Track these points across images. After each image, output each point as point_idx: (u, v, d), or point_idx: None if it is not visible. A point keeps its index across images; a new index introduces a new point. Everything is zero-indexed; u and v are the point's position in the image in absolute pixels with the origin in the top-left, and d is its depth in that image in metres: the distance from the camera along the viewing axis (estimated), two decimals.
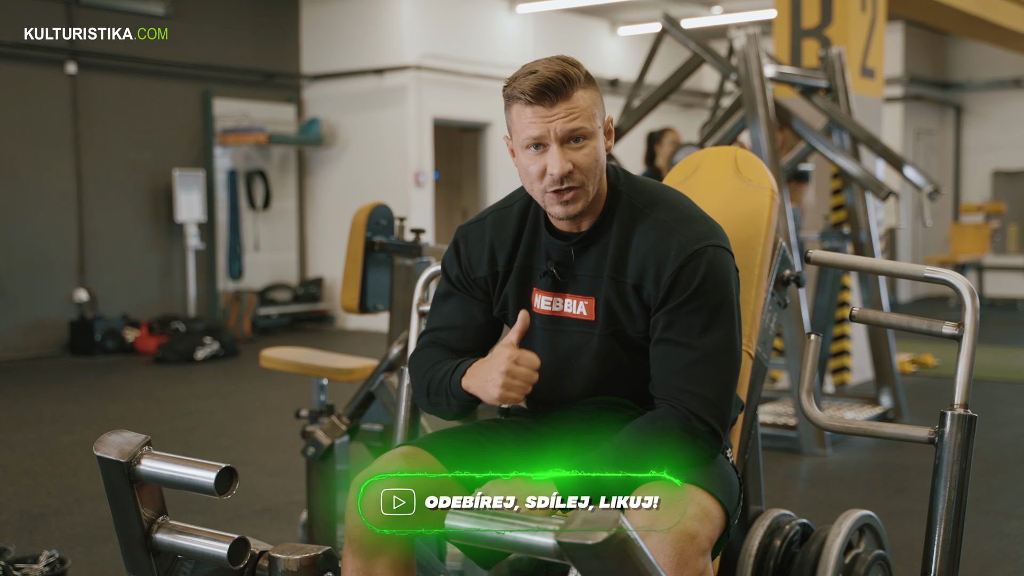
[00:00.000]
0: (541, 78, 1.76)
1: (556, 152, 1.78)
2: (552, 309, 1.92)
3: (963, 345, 1.85)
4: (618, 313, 1.86)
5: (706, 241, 1.82)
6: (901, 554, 3.39)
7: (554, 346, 1.93)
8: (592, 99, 1.82)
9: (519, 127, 1.80)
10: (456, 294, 2.00)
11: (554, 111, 1.77)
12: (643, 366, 1.88)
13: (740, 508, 1.88)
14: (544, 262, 1.92)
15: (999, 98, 12.90)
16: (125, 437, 1.50)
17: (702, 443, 1.78)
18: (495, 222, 1.97)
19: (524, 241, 1.94)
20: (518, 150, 1.83)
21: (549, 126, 1.77)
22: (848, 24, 6.57)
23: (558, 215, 1.84)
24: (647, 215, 1.87)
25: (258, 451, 5.09)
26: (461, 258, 1.99)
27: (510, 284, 1.95)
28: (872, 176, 5.31)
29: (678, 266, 1.80)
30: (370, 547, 1.80)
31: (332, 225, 10.31)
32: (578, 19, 11.80)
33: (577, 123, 1.78)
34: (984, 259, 11.89)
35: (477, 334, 1.98)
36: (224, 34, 9.79)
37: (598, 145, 1.82)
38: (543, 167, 1.79)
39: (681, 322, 1.80)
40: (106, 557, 3.47)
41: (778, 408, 5.66)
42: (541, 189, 1.82)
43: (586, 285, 1.89)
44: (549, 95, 1.76)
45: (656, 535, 1.61)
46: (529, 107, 1.78)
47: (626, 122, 5.74)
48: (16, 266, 8.40)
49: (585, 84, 1.80)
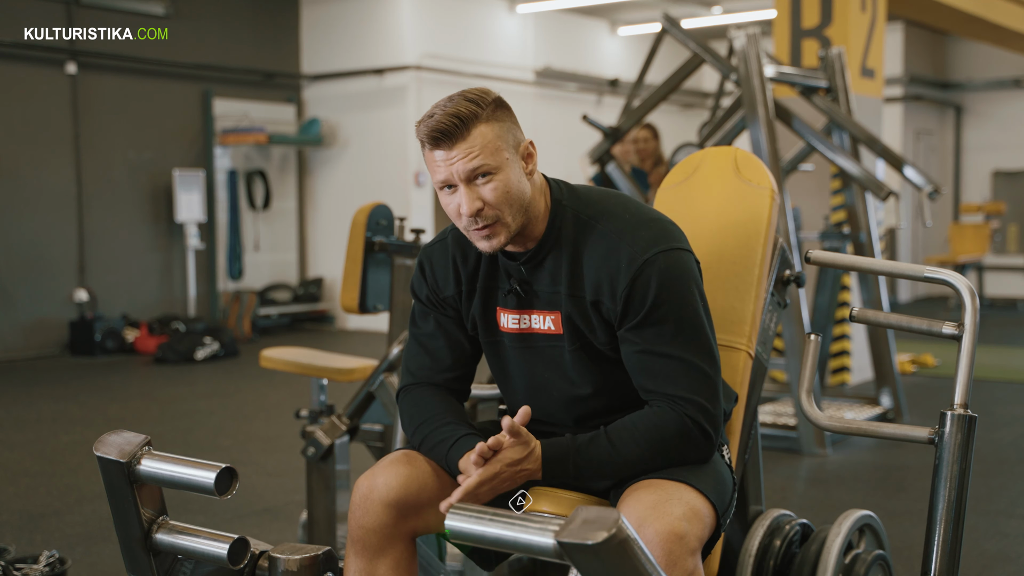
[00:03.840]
0: (434, 123, 1.75)
1: (464, 192, 1.77)
2: (520, 327, 1.91)
3: (963, 345, 1.85)
4: (581, 328, 1.86)
5: (656, 247, 1.80)
6: (901, 554, 3.39)
7: (527, 363, 1.92)
8: (496, 131, 1.77)
9: (430, 169, 1.81)
10: (431, 314, 1.99)
11: (452, 153, 1.75)
12: (617, 377, 1.88)
13: (732, 507, 1.88)
14: (506, 280, 1.91)
15: (999, 98, 12.90)
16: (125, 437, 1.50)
17: (693, 442, 1.78)
18: (455, 240, 1.96)
19: (485, 260, 1.93)
20: (436, 189, 1.83)
21: (451, 169, 1.76)
22: (848, 24, 6.57)
23: (483, 249, 1.83)
24: (593, 227, 1.85)
25: (258, 451, 5.09)
26: (427, 280, 1.98)
27: (475, 304, 1.94)
28: (872, 176, 5.31)
29: (630, 279, 1.79)
30: (373, 548, 1.81)
31: (332, 225, 10.31)
32: (578, 19, 11.80)
33: (477, 161, 1.75)
34: (984, 259, 11.89)
35: (459, 350, 1.98)
36: (224, 34, 9.79)
37: (508, 176, 1.78)
38: (457, 205, 1.79)
39: (649, 332, 1.80)
40: (106, 557, 3.47)
41: (778, 408, 5.66)
42: (463, 226, 1.82)
43: (548, 300, 1.88)
44: (444, 139, 1.75)
45: (645, 536, 1.62)
46: (432, 151, 1.78)
47: (626, 122, 5.74)
48: (16, 266, 8.41)
49: (488, 118, 1.77)
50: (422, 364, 1.97)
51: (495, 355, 1.97)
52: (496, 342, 1.95)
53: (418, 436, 1.90)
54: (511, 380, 1.97)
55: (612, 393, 1.90)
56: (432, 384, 1.96)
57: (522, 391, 1.96)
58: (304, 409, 3.36)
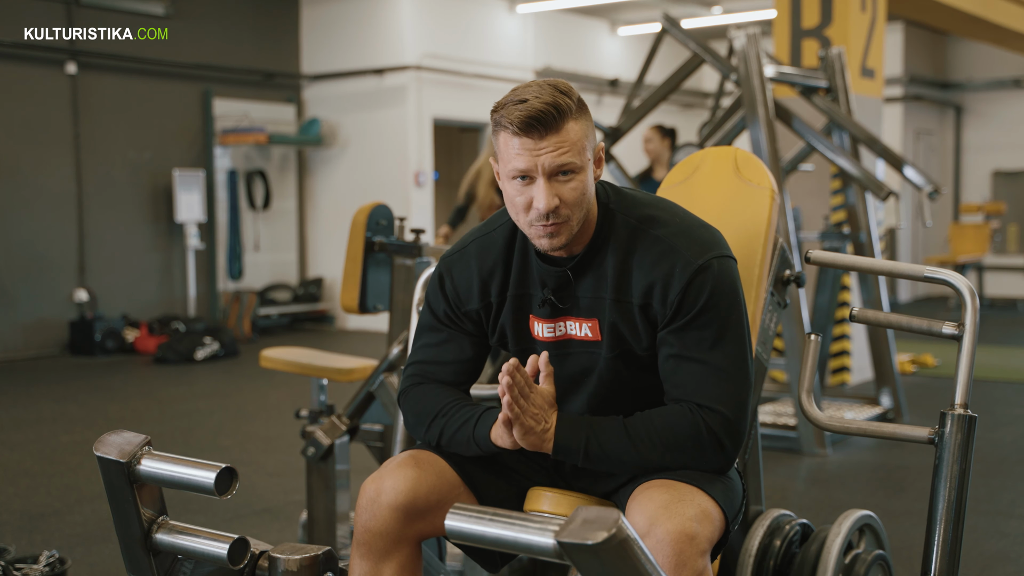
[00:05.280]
0: (531, 109, 1.68)
1: (543, 186, 1.71)
2: (556, 335, 1.87)
3: (963, 345, 1.85)
4: (625, 334, 1.82)
5: (710, 253, 1.78)
6: (901, 554, 3.39)
7: (560, 368, 1.88)
8: (583, 130, 1.74)
9: (506, 156, 1.74)
10: (444, 329, 1.94)
11: (542, 144, 1.70)
12: (645, 382, 1.86)
13: (741, 515, 1.87)
14: (539, 289, 1.86)
15: (999, 98, 12.90)
16: (125, 437, 1.50)
17: (707, 452, 1.76)
18: (480, 251, 1.91)
19: (515, 268, 1.88)
20: (504, 178, 1.77)
21: (537, 160, 1.70)
22: (848, 24, 6.57)
23: (544, 248, 1.78)
24: (645, 232, 1.81)
25: (258, 451, 5.09)
26: (447, 292, 1.93)
27: (505, 313, 1.89)
28: (872, 176, 5.31)
29: (685, 283, 1.76)
30: (379, 551, 1.79)
31: (332, 225, 10.31)
32: (578, 19, 11.80)
33: (566, 158, 1.70)
34: (984, 259, 11.89)
35: (465, 367, 1.94)
36: (224, 34, 9.79)
37: (586, 178, 1.75)
38: (529, 200, 1.73)
39: (691, 337, 1.77)
40: (106, 557, 3.46)
41: (778, 408, 5.66)
42: (527, 221, 1.76)
43: (587, 307, 1.84)
44: (538, 128, 1.69)
45: (656, 535, 1.61)
46: (516, 138, 1.71)
47: (626, 122, 5.74)
48: (16, 266, 8.41)
49: (576, 114, 1.72)
50: (426, 371, 1.95)
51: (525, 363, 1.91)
52: (528, 350, 1.89)
53: (435, 428, 1.86)
54: None
55: (634, 398, 1.87)
56: (436, 381, 1.94)
57: None
58: (304, 409, 3.36)
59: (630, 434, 1.77)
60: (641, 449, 1.76)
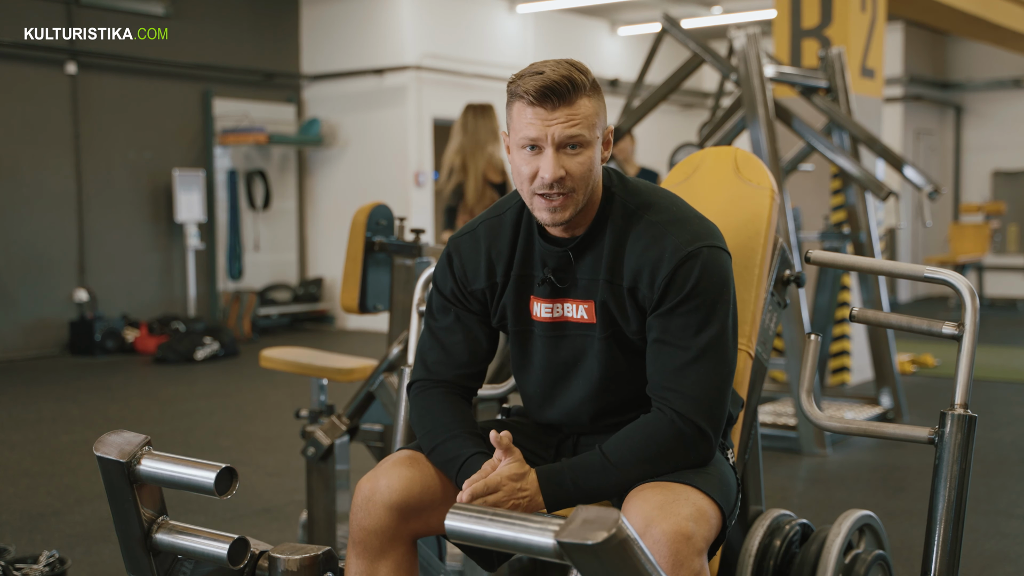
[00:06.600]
0: (546, 80, 1.74)
1: (551, 156, 1.75)
2: (553, 315, 1.90)
3: (963, 345, 1.85)
4: (615, 315, 1.85)
5: (701, 242, 1.81)
6: (901, 554, 3.39)
7: (553, 353, 1.91)
8: (595, 108, 1.80)
9: (518, 125, 1.78)
10: (452, 309, 1.96)
11: (554, 115, 1.75)
12: (641, 368, 1.87)
13: (737, 509, 1.88)
14: (540, 269, 1.89)
15: (999, 98, 12.90)
16: (125, 437, 1.50)
17: (690, 445, 1.77)
18: (488, 231, 1.94)
19: (520, 249, 1.91)
20: (514, 148, 1.81)
21: (548, 129, 1.75)
22: (848, 24, 6.57)
23: (545, 221, 1.81)
24: (640, 217, 1.85)
25: (258, 451, 5.09)
26: (455, 271, 1.95)
27: (508, 294, 1.92)
28: (872, 176, 5.31)
29: (672, 268, 1.78)
30: (374, 550, 1.80)
31: (332, 225, 10.31)
32: (578, 19, 11.80)
33: (576, 130, 1.76)
34: (984, 259, 11.89)
35: (476, 347, 1.95)
36: (224, 34, 9.79)
37: (594, 154, 1.79)
38: (535, 169, 1.77)
39: (676, 323, 1.79)
40: (106, 557, 3.46)
41: (778, 408, 5.66)
42: (530, 191, 1.79)
43: (584, 288, 1.87)
44: (552, 98, 1.74)
45: (652, 536, 1.61)
46: (530, 107, 1.76)
47: (626, 122, 5.74)
48: (16, 266, 8.41)
49: (590, 92, 1.78)
50: (437, 358, 1.95)
51: (521, 345, 1.95)
52: (525, 331, 1.93)
53: (428, 443, 1.87)
54: (532, 371, 1.95)
55: (632, 386, 1.89)
56: (443, 382, 1.94)
57: (542, 384, 1.94)
58: (304, 409, 3.36)
59: (612, 461, 1.77)
60: (627, 470, 1.77)
